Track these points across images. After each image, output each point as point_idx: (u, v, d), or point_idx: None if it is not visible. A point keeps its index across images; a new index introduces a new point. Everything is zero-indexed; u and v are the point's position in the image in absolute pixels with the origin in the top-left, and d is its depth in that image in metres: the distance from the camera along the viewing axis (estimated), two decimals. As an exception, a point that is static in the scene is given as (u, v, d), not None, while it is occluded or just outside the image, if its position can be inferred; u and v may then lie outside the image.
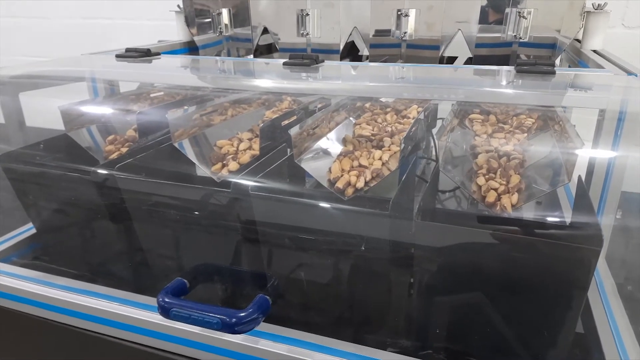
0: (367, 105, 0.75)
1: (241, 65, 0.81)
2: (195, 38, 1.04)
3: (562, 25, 0.80)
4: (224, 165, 0.61)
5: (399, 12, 0.86)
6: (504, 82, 0.60)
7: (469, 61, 0.97)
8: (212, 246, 0.57)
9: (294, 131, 0.58)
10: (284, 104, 0.77)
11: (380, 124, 0.70)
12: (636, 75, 0.57)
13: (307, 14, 0.92)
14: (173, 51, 1.01)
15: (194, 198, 0.59)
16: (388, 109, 0.74)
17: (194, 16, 1.02)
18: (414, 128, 0.67)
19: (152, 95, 0.78)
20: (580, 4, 0.78)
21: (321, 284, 0.52)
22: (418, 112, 0.72)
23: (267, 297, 0.49)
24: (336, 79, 0.71)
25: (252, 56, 1.04)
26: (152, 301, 0.55)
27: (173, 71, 0.77)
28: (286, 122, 0.72)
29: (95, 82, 0.82)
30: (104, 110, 0.74)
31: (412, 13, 0.86)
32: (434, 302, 0.48)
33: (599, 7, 0.80)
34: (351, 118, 0.71)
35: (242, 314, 0.46)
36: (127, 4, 1.78)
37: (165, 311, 0.48)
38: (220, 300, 0.56)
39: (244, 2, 0.97)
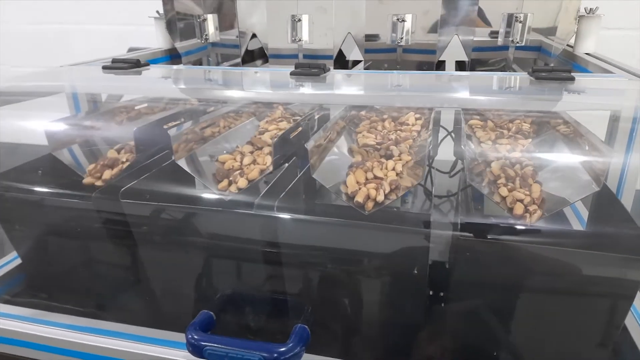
0: (363, 113, 0.73)
1: (244, 76, 0.77)
2: (177, 45, 0.99)
3: (558, 29, 0.81)
4: (230, 182, 0.58)
5: (396, 18, 0.85)
6: (527, 89, 0.60)
7: (459, 65, 0.97)
8: (230, 273, 0.54)
9: (310, 144, 0.56)
10: (277, 114, 0.74)
11: (381, 131, 0.69)
12: (650, 80, 0.57)
13: (300, 20, 0.89)
14: (154, 60, 0.96)
15: (207, 220, 0.55)
16: (385, 116, 0.72)
17: (176, 22, 0.97)
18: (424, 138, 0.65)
19: (137, 108, 0.72)
20: (575, 8, 0.79)
21: (357, 308, 0.49)
22: (416, 119, 0.71)
23: (306, 327, 0.46)
24: (349, 88, 0.68)
25: (236, 60, 1.00)
26: (173, 336, 0.50)
27: (172, 83, 0.73)
28: (294, 134, 0.69)
29: (76, 96, 0.75)
30: (91, 127, 0.68)
31: (409, 18, 0.84)
32: (481, 318, 0.46)
33: (591, 11, 0.82)
34: (351, 127, 0.69)
35: (283, 349, 0.43)
36: (80, 7, 1.68)
37: (197, 350, 0.44)
38: (249, 332, 0.53)
39: (229, 7, 0.93)
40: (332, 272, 0.49)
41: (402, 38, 0.86)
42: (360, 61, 0.98)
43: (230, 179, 0.58)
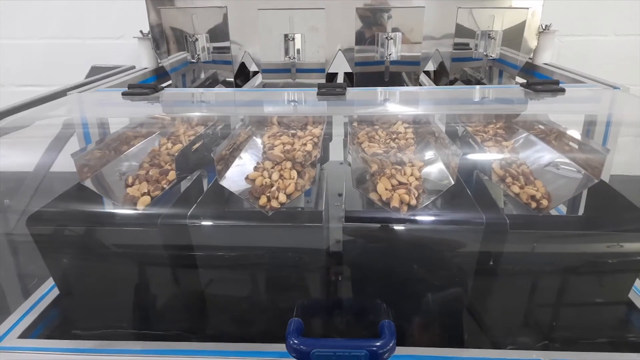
0: (355, 124, 0.80)
1: (271, 96, 0.80)
2: (165, 62, 0.99)
3: (522, 44, 0.94)
4: (269, 198, 0.62)
5: (385, 37, 0.93)
6: (537, 100, 0.70)
7: (436, 74, 1.09)
8: (306, 280, 0.58)
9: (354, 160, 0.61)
10: (274, 129, 0.78)
11: (379, 140, 0.76)
12: (620, 89, 0.71)
13: (293, 39, 0.94)
14: (144, 80, 0.95)
15: (274, 237, 0.59)
16: (376, 126, 0.80)
17: (163, 41, 0.97)
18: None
19: (157, 130, 0.74)
20: (536, 25, 0.93)
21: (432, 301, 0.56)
22: (405, 128, 0.79)
23: (391, 322, 0.52)
24: (380, 105, 0.75)
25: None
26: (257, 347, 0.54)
27: (196, 107, 0.74)
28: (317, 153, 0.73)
29: (87, 126, 0.73)
30: (120, 153, 0.69)
31: (398, 37, 0.93)
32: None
33: (546, 28, 0.96)
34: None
35: (379, 343, 0.49)
36: (8, 20, 1.56)
37: (304, 355, 0.48)
38: (334, 332, 0.58)
39: (221, 26, 0.95)
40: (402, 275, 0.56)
41: (390, 54, 0.95)
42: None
43: (268, 194, 0.62)
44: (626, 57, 1.42)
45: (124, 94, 0.73)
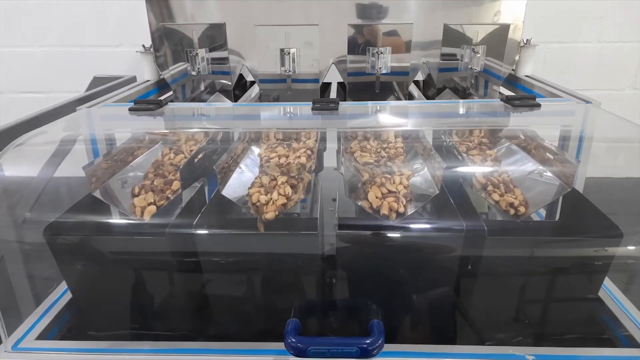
0: (349, 132, 0.85)
1: (268, 110, 0.85)
2: (166, 74, 1.04)
3: (505, 57, 1.00)
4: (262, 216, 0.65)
5: (375, 51, 0.98)
6: (515, 114, 0.76)
7: (421, 83, 1.14)
8: (303, 284, 0.64)
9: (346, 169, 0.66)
10: (270, 141, 0.83)
11: (370, 150, 0.81)
12: (592, 103, 0.77)
13: (289, 53, 0.99)
14: (147, 93, 1.00)
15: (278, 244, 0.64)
16: (368, 135, 0.85)
17: (165, 55, 1.02)
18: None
19: (157, 143, 0.78)
20: (517, 41, 0.99)
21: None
22: (395, 137, 0.84)
23: (380, 321, 0.57)
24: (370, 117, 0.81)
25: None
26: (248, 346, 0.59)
27: (200, 121, 0.79)
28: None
29: (95, 142, 0.78)
30: (126, 164, 0.73)
31: (388, 50, 0.98)
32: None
33: (527, 42, 1.01)
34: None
35: (369, 340, 0.54)
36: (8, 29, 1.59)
37: (301, 351, 0.53)
38: (329, 331, 0.63)
39: (218, 38, 1.00)
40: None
41: (380, 68, 1.00)
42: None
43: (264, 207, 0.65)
44: (608, 62, 1.49)
45: (130, 109, 0.77)
